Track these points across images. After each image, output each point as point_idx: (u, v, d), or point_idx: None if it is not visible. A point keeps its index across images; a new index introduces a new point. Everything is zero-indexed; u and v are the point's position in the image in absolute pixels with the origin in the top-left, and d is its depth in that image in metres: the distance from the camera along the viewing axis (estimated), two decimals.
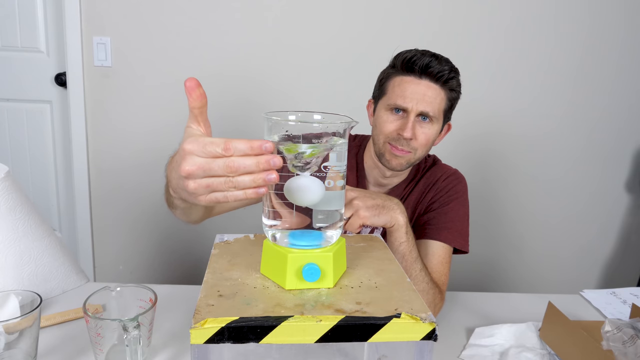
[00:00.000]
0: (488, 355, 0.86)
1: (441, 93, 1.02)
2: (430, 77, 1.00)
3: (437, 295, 0.96)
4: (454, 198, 1.11)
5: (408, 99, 1.00)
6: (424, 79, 1.00)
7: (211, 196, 0.53)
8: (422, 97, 1.00)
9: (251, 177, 0.50)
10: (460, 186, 1.14)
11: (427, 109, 1.00)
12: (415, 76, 1.01)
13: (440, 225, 1.07)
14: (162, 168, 2.42)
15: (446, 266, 1.05)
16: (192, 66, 2.04)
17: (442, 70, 0.99)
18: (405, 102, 1.00)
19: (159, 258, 2.23)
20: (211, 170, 0.51)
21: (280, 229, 0.58)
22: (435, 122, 1.03)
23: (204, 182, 0.52)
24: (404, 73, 1.02)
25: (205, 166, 0.51)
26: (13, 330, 0.69)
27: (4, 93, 2.14)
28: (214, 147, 0.51)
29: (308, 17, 2.01)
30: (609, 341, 0.76)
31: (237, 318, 0.48)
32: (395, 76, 1.04)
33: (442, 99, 1.02)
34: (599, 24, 2.06)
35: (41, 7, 2.06)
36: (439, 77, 1.00)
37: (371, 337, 0.49)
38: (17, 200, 0.93)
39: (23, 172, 2.20)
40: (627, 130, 2.19)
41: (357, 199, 0.84)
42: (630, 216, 2.29)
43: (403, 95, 1.01)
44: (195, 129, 0.58)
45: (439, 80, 1.00)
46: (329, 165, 0.56)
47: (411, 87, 1.01)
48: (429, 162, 1.19)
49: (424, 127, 1.03)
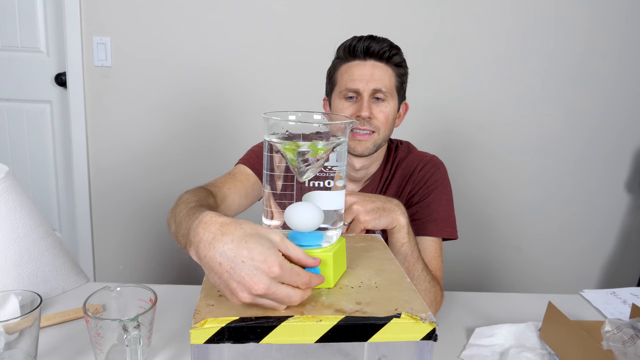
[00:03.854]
0: (488, 355, 0.86)
1: (388, 70, 1.05)
2: (374, 57, 1.03)
3: (438, 292, 0.96)
4: (433, 188, 1.10)
5: (357, 80, 1.03)
6: (368, 60, 1.04)
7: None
8: (371, 76, 1.03)
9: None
10: (439, 173, 1.12)
11: (378, 85, 1.03)
12: (360, 59, 1.04)
13: (425, 219, 1.06)
14: (162, 168, 2.42)
15: (439, 260, 1.05)
16: (192, 66, 2.04)
17: (382, 49, 1.03)
18: (356, 84, 1.03)
19: (159, 258, 2.23)
20: (273, 295, 0.48)
21: (281, 229, 0.58)
22: (389, 98, 1.05)
23: (260, 302, 0.49)
24: (349, 59, 1.05)
25: (271, 290, 0.48)
26: (13, 330, 0.69)
27: (4, 93, 2.14)
28: (298, 278, 0.49)
29: (308, 17, 2.01)
30: (609, 341, 0.76)
31: (237, 318, 0.48)
32: (341, 65, 1.07)
33: (391, 75, 1.05)
34: (599, 24, 2.06)
35: (41, 7, 2.06)
36: (382, 54, 1.03)
37: (371, 337, 0.49)
38: (17, 200, 0.93)
39: (23, 172, 2.20)
40: (627, 130, 2.19)
41: (357, 203, 0.83)
42: (630, 216, 2.29)
43: (352, 78, 1.04)
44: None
45: (383, 58, 1.04)
46: (329, 165, 0.56)
47: (358, 69, 1.04)
48: (404, 151, 1.17)
49: (380, 105, 1.05)
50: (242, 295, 0.48)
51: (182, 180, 2.15)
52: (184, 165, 2.12)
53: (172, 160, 2.12)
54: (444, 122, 2.07)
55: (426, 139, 1.78)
